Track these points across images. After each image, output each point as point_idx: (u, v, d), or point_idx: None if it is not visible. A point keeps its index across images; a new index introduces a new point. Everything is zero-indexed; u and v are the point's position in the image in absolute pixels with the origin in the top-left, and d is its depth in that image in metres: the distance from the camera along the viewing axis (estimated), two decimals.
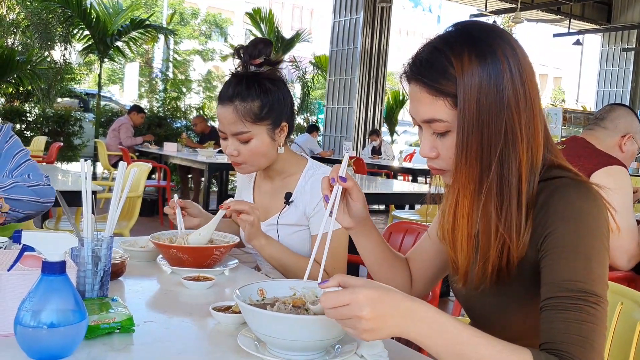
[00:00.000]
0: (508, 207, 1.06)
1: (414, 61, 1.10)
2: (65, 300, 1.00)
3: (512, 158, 1.05)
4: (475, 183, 1.07)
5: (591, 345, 0.94)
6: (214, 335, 1.20)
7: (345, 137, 11.84)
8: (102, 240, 1.29)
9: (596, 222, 1.02)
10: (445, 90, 1.05)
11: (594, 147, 2.46)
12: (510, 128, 1.04)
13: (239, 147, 1.73)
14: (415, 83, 1.09)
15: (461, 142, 1.06)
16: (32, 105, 10.59)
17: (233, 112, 1.69)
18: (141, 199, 4.05)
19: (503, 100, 1.04)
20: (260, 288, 1.17)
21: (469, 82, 1.03)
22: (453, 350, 0.91)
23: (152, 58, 15.07)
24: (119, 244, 1.75)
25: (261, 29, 13.67)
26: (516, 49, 1.07)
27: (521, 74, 1.06)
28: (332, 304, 0.91)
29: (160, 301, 1.45)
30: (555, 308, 0.97)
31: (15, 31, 10.80)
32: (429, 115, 1.08)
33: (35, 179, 1.97)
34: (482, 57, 1.04)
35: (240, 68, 1.77)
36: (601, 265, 1.00)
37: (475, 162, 1.06)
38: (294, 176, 1.82)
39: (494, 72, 1.04)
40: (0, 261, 1.13)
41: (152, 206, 7.43)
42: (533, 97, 1.07)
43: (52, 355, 0.99)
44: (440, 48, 1.07)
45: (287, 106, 1.77)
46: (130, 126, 8.79)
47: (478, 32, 1.08)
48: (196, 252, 1.61)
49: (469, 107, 1.04)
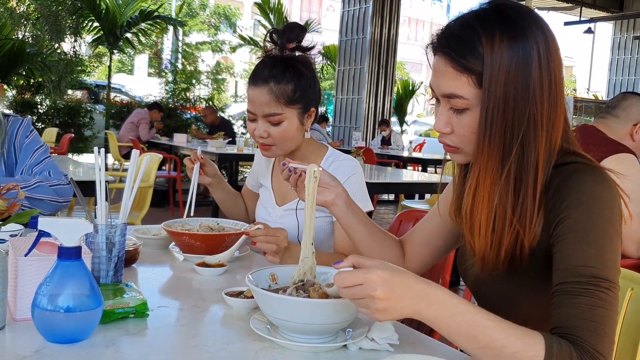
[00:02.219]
0: (525, 196, 1.06)
1: (443, 33, 1.09)
2: (81, 285, 1.02)
3: (532, 145, 1.05)
4: (496, 166, 1.06)
5: (603, 330, 0.94)
6: (226, 320, 1.22)
7: (354, 128, 11.82)
8: (116, 227, 1.31)
9: (610, 208, 1.02)
10: (471, 67, 1.04)
11: (605, 135, 2.46)
12: (533, 115, 1.04)
13: (269, 129, 1.73)
14: (441, 55, 1.08)
15: (484, 123, 1.05)
16: (43, 97, 10.65)
17: (268, 93, 1.70)
18: (152, 189, 4.07)
19: (530, 87, 1.03)
20: (271, 273, 1.19)
21: (498, 63, 1.02)
22: (465, 333, 0.92)
23: (161, 49, 15.09)
24: (131, 231, 1.77)
25: (270, 19, 13.66)
26: (549, 38, 1.06)
27: (549, 63, 1.04)
28: (346, 283, 0.92)
29: (173, 287, 1.47)
30: (567, 293, 0.98)
31: (26, 23, 10.84)
32: (450, 90, 1.07)
33: (55, 177, 1.99)
34: (514, 39, 1.03)
35: (274, 50, 1.77)
36: (614, 251, 1.00)
37: (498, 144, 1.05)
38: (315, 162, 1.83)
39: (524, 56, 1.03)
40: (18, 247, 1.15)
41: (163, 197, 7.47)
42: (558, 87, 1.06)
43: (69, 338, 1.01)
44: (472, 24, 1.05)
45: (317, 92, 1.78)
46: (149, 121, 8.86)
47: (514, 13, 1.06)
48: (208, 239, 1.63)
49: (496, 89, 1.03)
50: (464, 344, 0.93)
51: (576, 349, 0.92)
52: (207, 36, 18.40)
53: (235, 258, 1.67)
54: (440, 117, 1.12)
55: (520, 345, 0.91)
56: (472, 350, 0.93)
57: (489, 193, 1.08)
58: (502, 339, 0.91)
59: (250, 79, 1.75)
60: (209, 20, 18.77)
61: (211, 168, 1.88)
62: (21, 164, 2.02)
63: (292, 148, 1.80)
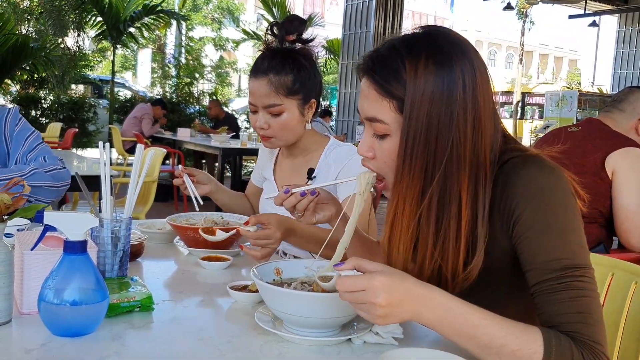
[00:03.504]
0: (447, 229, 1.04)
1: (370, 56, 1.08)
2: (87, 278, 1.02)
3: (454, 175, 1.02)
4: (417, 195, 1.04)
5: (592, 318, 0.95)
6: (231, 313, 1.22)
7: (358, 122, 11.80)
8: (121, 221, 1.31)
9: (559, 192, 1.01)
10: (393, 92, 1.03)
11: (610, 129, 2.45)
12: (456, 144, 1.01)
13: (270, 120, 1.75)
14: (366, 78, 1.07)
15: (404, 152, 1.03)
16: (46, 92, 10.66)
17: (267, 85, 1.71)
18: (156, 184, 4.07)
19: (453, 114, 1.01)
20: (276, 267, 1.19)
21: (421, 89, 1.01)
22: (465, 334, 0.93)
23: (164, 44, 15.07)
24: (136, 226, 1.77)
25: (273, 14, 13.62)
26: (477, 66, 1.04)
27: (474, 90, 1.02)
28: (348, 288, 0.92)
29: (178, 281, 1.48)
30: (545, 292, 0.98)
31: (29, 18, 10.85)
32: (372, 113, 1.07)
33: (50, 162, 1.97)
34: (440, 64, 1.01)
35: (274, 43, 1.78)
36: (576, 234, 1.00)
37: (419, 174, 1.03)
38: (316, 152, 1.84)
39: (448, 83, 1.01)
40: (24, 241, 1.15)
41: (167, 191, 7.48)
42: (483, 112, 1.03)
43: (75, 332, 1.02)
44: (399, 48, 1.04)
45: (317, 84, 1.79)
46: (152, 117, 8.88)
47: (443, 39, 1.04)
48: (212, 233, 1.63)
49: (418, 115, 1.01)
50: (465, 344, 0.94)
51: (575, 343, 0.93)
52: (210, 31, 18.37)
53: (240, 252, 1.67)
54: (364, 141, 1.11)
55: (520, 343, 0.92)
56: (472, 350, 0.94)
57: (407, 223, 1.06)
58: (501, 337, 0.92)
59: (251, 71, 1.77)
60: (212, 15, 18.74)
61: (201, 175, 1.85)
62: (14, 153, 2.00)
63: (293, 139, 1.80)
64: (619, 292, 1.42)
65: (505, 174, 1.04)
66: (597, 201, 2.32)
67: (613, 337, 1.38)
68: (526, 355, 0.91)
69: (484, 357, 0.94)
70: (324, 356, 1.02)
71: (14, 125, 2.03)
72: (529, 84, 29.08)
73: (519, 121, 22.94)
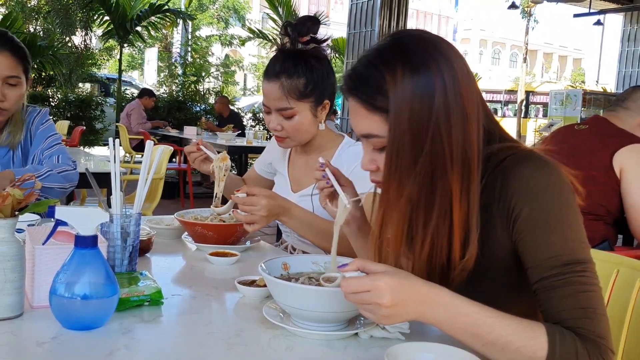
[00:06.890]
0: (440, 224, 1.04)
1: (350, 76, 1.09)
2: (97, 273, 1.04)
3: (444, 174, 1.02)
4: (403, 203, 1.05)
5: (594, 313, 0.96)
6: (239, 308, 1.23)
7: None
8: (130, 217, 1.33)
9: (556, 187, 1.01)
10: (381, 106, 1.04)
11: (617, 127, 2.46)
12: (441, 146, 1.01)
13: (282, 122, 1.76)
14: (352, 98, 1.08)
15: (390, 160, 1.04)
16: (54, 90, 10.71)
17: (279, 88, 1.72)
18: (163, 181, 4.09)
19: (433, 116, 1.01)
20: (284, 262, 1.21)
21: (401, 97, 1.01)
22: (469, 332, 0.94)
23: (170, 43, 15.10)
24: (145, 222, 1.79)
25: (279, 13, 13.62)
26: (452, 60, 1.04)
27: (455, 86, 1.02)
28: (353, 290, 0.93)
29: (186, 276, 1.49)
30: (547, 289, 0.99)
31: (37, 17, 10.89)
32: (365, 130, 1.08)
33: (63, 162, 2.03)
34: (415, 70, 1.01)
35: (288, 44, 1.78)
36: (575, 230, 1.00)
37: (405, 180, 1.03)
38: (330, 151, 1.85)
39: (426, 86, 1.01)
40: (35, 236, 1.17)
41: (173, 188, 7.51)
42: (468, 108, 1.03)
43: (86, 325, 1.03)
44: (375, 62, 1.05)
45: (331, 84, 1.79)
46: (141, 110, 8.83)
47: (413, 44, 1.04)
48: (220, 229, 1.65)
49: (399, 124, 1.02)
50: (469, 342, 0.95)
51: (579, 338, 0.94)
52: (216, 29, 18.40)
53: (247, 248, 1.69)
54: (365, 157, 1.13)
55: (524, 340, 0.92)
56: (477, 348, 0.95)
57: (397, 220, 1.07)
58: (505, 335, 0.93)
59: (264, 73, 1.78)
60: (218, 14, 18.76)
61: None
62: (34, 148, 2.09)
63: (306, 140, 1.81)
64: (624, 289, 1.42)
65: (502, 172, 1.04)
66: (604, 198, 2.32)
67: (618, 334, 1.38)
68: (531, 352, 0.92)
69: (489, 354, 0.95)
70: (331, 350, 1.03)
71: (39, 124, 2.13)
72: (533, 83, 28.97)
73: (523, 120, 22.90)
